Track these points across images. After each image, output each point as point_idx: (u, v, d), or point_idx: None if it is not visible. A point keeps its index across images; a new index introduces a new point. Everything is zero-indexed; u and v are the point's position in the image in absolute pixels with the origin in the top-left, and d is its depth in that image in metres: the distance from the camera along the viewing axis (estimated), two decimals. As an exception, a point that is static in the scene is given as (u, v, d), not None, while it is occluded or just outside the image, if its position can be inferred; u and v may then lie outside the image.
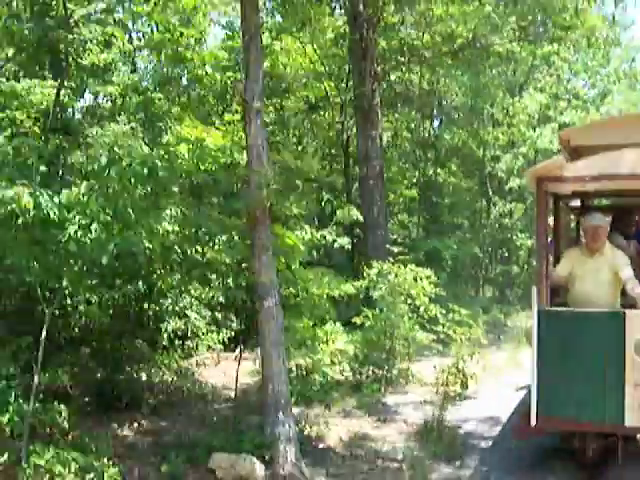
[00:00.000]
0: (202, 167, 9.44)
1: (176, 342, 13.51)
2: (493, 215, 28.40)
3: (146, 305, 12.46)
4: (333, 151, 24.76)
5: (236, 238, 9.54)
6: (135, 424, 10.63)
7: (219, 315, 14.44)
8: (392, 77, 22.98)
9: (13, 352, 8.42)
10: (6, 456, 7.76)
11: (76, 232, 7.32)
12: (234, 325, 14.89)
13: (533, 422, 7.76)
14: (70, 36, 12.88)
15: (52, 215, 7.30)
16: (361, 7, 19.13)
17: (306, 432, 9.92)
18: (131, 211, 7.72)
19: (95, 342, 11.48)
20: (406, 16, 21.27)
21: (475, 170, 29.74)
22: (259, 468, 7.85)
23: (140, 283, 12.02)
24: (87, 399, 10.83)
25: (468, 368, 12.73)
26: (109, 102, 15.75)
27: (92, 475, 7.40)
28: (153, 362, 12.65)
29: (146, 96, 15.22)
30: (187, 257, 10.27)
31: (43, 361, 8.37)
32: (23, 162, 8.11)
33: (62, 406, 8.61)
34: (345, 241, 10.41)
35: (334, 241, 10.29)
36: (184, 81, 16.42)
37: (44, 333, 8.05)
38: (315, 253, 11.63)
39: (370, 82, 19.20)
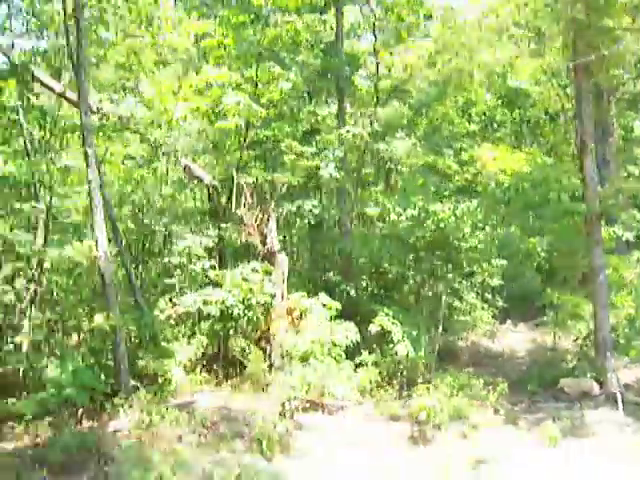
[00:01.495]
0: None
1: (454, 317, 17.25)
2: None
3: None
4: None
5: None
6: (465, 370, 14.63)
7: (489, 295, 18.16)
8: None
9: (420, 312, 12.71)
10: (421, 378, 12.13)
11: (471, 232, 11.38)
12: (499, 304, 18.61)
13: None
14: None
15: (456, 222, 11.42)
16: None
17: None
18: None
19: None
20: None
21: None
22: (595, 387, 11.61)
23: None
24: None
25: None
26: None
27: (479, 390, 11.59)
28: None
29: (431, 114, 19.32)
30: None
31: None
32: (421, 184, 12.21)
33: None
34: (630, 235, 13.50)
35: (622, 235, 13.48)
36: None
37: (443, 300, 12.25)
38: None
39: (606, 95, 22.05)
